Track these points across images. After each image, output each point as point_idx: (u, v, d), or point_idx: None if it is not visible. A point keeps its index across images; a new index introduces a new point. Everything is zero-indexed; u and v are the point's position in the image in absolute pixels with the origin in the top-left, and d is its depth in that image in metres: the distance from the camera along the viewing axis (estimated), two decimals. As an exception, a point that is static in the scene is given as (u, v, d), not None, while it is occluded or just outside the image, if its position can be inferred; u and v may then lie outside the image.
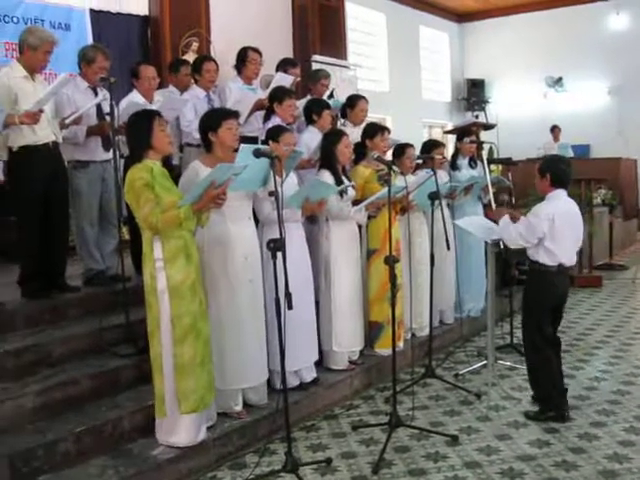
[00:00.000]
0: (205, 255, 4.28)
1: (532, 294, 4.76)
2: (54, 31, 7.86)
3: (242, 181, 4.08)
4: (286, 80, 6.15)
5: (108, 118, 5.03)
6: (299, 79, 6.95)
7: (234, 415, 4.41)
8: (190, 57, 8.26)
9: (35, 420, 3.93)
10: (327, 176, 5.14)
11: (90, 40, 8.53)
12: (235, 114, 4.47)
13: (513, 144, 11.69)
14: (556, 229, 4.53)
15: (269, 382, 4.73)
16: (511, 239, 4.73)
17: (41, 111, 4.69)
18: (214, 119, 4.33)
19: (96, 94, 5.40)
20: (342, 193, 5.12)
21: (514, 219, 4.77)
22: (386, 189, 4.60)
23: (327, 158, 5.24)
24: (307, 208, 4.82)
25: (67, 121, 5.11)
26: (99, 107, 5.35)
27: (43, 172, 4.91)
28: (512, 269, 7.07)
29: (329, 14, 11.29)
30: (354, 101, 6.57)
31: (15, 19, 8.13)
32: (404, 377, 5.53)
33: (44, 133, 4.91)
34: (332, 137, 5.31)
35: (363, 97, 6.66)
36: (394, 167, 4.96)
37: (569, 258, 4.66)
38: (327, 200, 4.93)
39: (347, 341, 5.32)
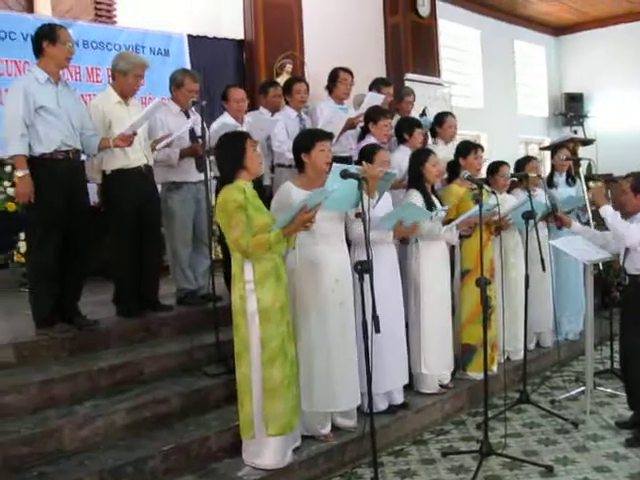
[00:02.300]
0: (296, 277, 4.26)
1: None
2: (153, 57, 8.21)
3: (333, 201, 4.02)
4: (377, 99, 6.12)
5: (200, 141, 5.13)
6: (392, 98, 6.92)
7: (321, 438, 4.36)
8: (284, 79, 8.38)
9: (125, 437, 4.02)
10: (416, 195, 5.08)
11: (188, 65, 8.80)
12: (329, 136, 4.45)
13: (614, 160, 11.23)
14: None
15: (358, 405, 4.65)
16: (632, 237, 4.53)
17: (134, 134, 4.83)
18: (307, 140, 4.32)
19: (188, 117, 5.54)
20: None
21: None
22: (476, 207, 4.49)
23: (415, 177, 5.18)
24: (399, 231, 4.75)
25: (158, 146, 5.25)
26: (192, 129, 5.47)
27: (135, 194, 5.05)
28: (613, 290, 6.76)
29: (422, 32, 11.23)
30: (442, 118, 6.55)
31: (117, 46, 8.46)
32: (497, 402, 5.36)
33: (136, 156, 5.05)
34: (419, 156, 5.24)
35: (450, 113, 6.62)
36: (486, 186, 4.83)
37: None
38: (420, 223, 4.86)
39: (436, 364, 5.19)
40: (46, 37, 4.58)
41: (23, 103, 4.43)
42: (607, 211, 4.70)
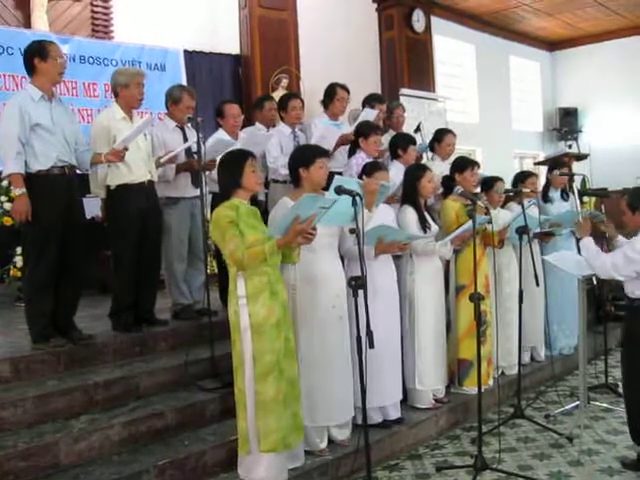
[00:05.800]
0: (297, 293, 4.27)
1: None
2: (150, 72, 8.28)
3: (334, 215, 4.00)
4: (373, 115, 6.15)
5: (195, 156, 5.15)
6: (385, 115, 6.94)
7: (316, 452, 4.36)
8: (280, 94, 8.43)
9: (121, 451, 4.02)
10: (410, 212, 5.11)
11: (184, 79, 8.88)
12: (326, 153, 4.48)
13: (609, 174, 11.35)
14: None
15: (354, 419, 4.64)
16: (604, 270, 4.48)
17: (126, 149, 4.82)
18: (308, 155, 4.33)
19: (184, 132, 5.59)
20: (425, 229, 5.07)
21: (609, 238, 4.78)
22: (470, 222, 4.53)
23: (410, 193, 5.20)
24: (380, 248, 4.66)
25: (162, 160, 5.29)
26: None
27: (138, 210, 5.07)
28: (607, 305, 6.80)
29: (417, 47, 11.34)
30: (441, 135, 6.48)
31: (114, 62, 8.54)
32: (492, 417, 5.37)
33: (140, 172, 5.09)
34: (415, 172, 5.26)
35: (450, 131, 6.56)
36: (479, 202, 4.87)
37: None
38: (407, 242, 4.85)
39: (430, 379, 5.21)
40: (36, 54, 4.61)
41: (19, 121, 4.47)
42: (584, 244, 4.66)
